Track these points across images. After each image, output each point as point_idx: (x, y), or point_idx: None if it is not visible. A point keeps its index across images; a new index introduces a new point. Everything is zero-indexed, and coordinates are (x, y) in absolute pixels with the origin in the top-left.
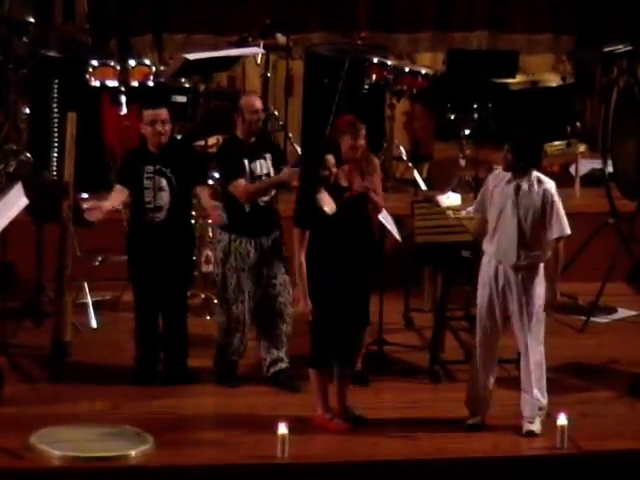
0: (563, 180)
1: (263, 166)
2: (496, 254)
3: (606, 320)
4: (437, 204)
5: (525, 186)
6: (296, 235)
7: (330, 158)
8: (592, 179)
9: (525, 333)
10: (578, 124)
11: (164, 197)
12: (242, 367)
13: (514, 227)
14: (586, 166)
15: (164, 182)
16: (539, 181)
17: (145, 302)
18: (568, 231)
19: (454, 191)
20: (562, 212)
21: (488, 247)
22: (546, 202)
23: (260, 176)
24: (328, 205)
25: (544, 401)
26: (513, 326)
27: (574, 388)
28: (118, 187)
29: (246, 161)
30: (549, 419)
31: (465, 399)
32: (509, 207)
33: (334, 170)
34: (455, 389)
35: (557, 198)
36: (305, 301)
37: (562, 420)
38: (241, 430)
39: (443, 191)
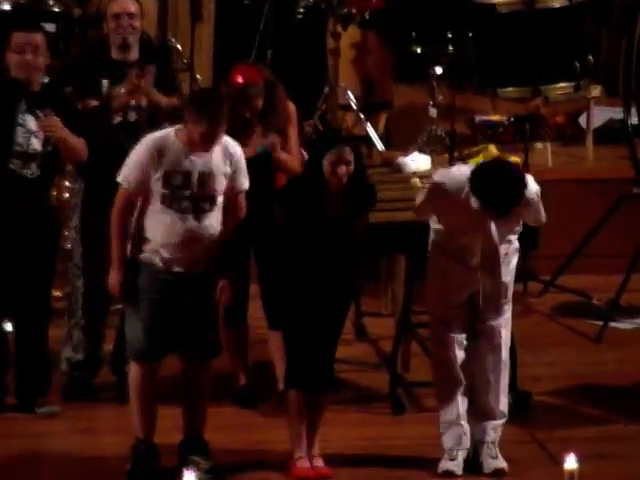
0: (570, 135)
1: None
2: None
3: (630, 325)
4: (398, 169)
5: None
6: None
7: None
8: (610, 133)
9: (496, 319)
10: (590, 59)
11: (35, 144)
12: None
13: (496, 246)
14: (601, 116)
15: (34, 126)
16: None
17: None
18: (544, 220)
19: (421, 151)
20: (541, 207)
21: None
22: (527, 206)
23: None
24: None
25: (506, 410)
26: (479, 318)
27: (588, 419)
28: None
29: (105, 82)
30: (553, 462)
31: (440, 433)
32: (487, 239)
33: None
34: (424, 420)
35: (538, 196)
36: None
37: (571, 463)
38: None
39: (407, 151)
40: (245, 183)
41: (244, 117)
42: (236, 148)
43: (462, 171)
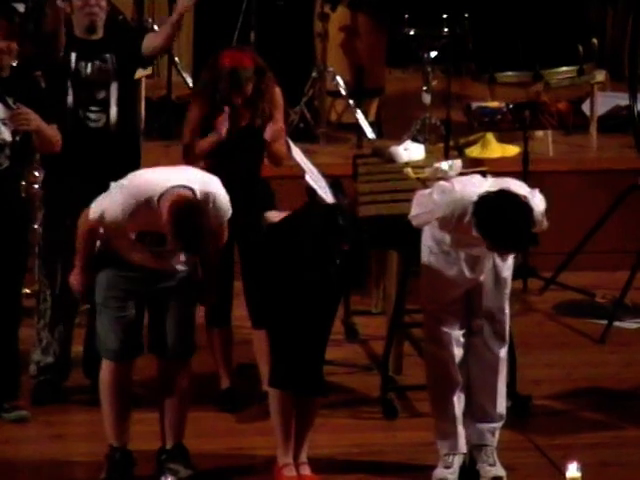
0: (573, 123)
1: (96, 69)
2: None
3: (635, 325)
4: (390, 158)
5: None
6: None
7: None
8: (615, 121)
9: (495, 315)
10: (594, 41)
11: (4, 133)
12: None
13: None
14: (606, 102)
15: (3, 113)
16: None
17: None
18: (545, 227)
19: (415, 140)
20: (544, 220)
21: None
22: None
23: (87, 80)
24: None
25: (504, 411)
26: (477, 313)
27: (591, 424)
28: None
29: (73, 55)
30: (554, 470)
31: (435, 438)
32: (489, 268)
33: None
34: (417, 425)
35: (543, 215)
36: None
37: (573, 472)
38: None
39: (399, 140)
40: (226, 216)
41: (234, 103)
42: (217, 200)
43: (465, 196)
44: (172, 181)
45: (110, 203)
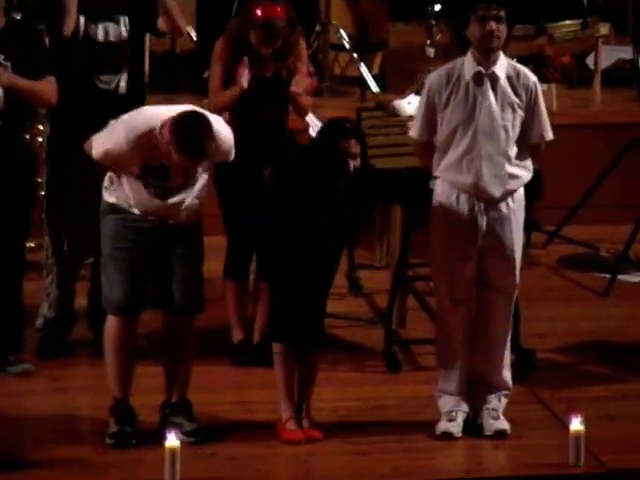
0: (577, 77)
1: (110, 32)
2: (473, 188)
3: (639, 279)
4: (394, 112)
5: (502, 75)
6: None
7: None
8: (619, 75)
9: (504, 287)
10: None
11: None
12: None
13: (500, 141)
14: (610, 56)
15: None
16: (516, 69)
17: None
18: (550, 135)
19: (418, 93)
20: (545, 110)
21: (451, 176)
22: (531, 97)
23: (102, 43)
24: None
25: (510, 382)
26: (486, 282)
27: (595, 377)
28: None
29: (82, 19)
30: (558, 423)
31: (436, 391)
32: (486, 114)
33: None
34: (421, 379)
35: (540, 92)
36: None
37: (576, 425)
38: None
39: (403, 94)
40: (229, 149)
41: (262, 54)
42: (220, 132)
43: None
44: (174, 112)
45: (112, 137)
